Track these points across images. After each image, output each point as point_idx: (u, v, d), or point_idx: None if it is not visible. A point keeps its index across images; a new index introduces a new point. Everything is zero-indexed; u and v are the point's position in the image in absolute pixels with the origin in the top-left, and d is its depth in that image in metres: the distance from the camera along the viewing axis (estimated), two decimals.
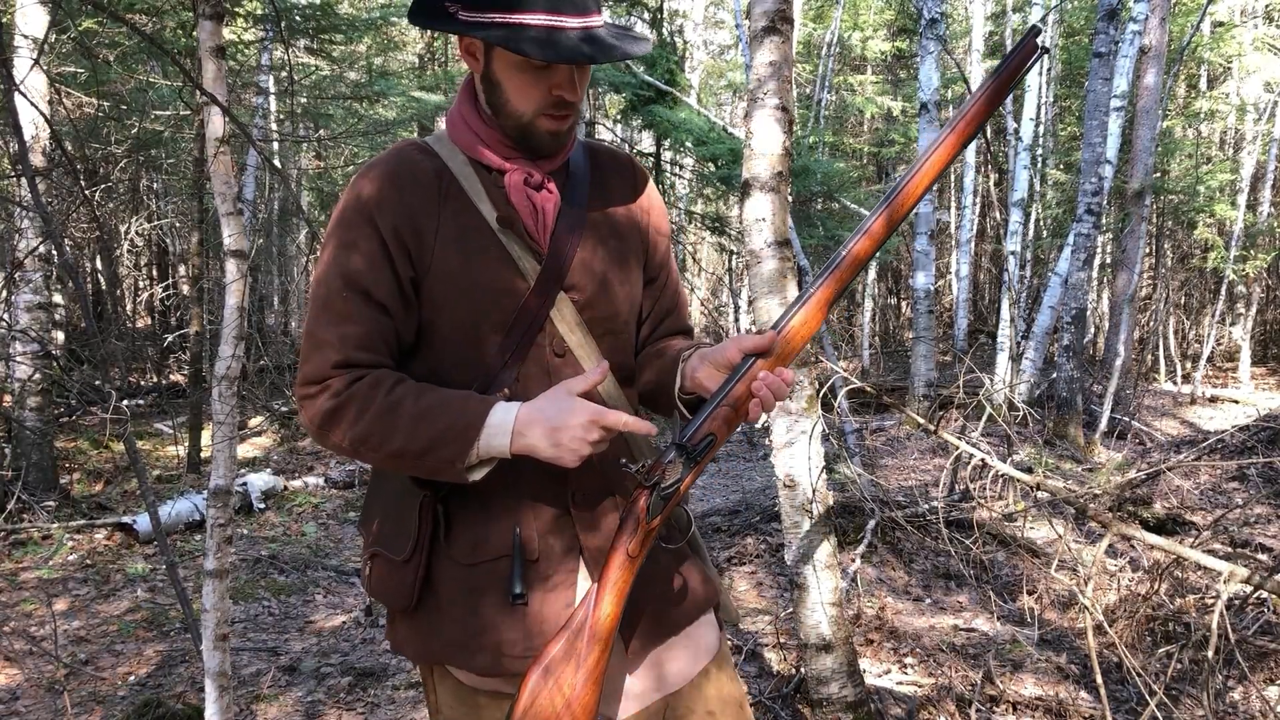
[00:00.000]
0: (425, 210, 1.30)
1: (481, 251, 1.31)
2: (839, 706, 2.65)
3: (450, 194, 1.32)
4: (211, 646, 2.32)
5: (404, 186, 1.30)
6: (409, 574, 1.33)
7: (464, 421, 1.22)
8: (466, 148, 1.35)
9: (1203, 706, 2.78)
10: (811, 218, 10.44)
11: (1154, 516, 4.97)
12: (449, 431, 1.22)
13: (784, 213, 2.52)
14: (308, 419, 1.28)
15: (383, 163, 1.33)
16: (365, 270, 1.27)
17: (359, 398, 1.24)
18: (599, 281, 1.38)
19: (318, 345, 1.27)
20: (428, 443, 1.22)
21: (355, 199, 1.30)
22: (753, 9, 2.52)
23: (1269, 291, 15.55)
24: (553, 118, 1.30)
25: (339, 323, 1.27)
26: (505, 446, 1.22)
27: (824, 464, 2.61)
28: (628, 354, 1.45)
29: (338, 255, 1.29)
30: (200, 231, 8.28)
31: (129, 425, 2.87)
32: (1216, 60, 14.09)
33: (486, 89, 1.32)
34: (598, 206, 1.41)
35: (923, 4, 8.85)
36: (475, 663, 1.32)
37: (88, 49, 5.46)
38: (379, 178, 1.31)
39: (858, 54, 17.25)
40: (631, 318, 1.45)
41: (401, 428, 1.23)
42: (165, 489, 6.51)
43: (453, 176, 1.33)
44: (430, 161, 1.34)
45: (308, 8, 8.46)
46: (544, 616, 1.31)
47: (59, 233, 6.05)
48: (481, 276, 1.31)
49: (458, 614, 1.32)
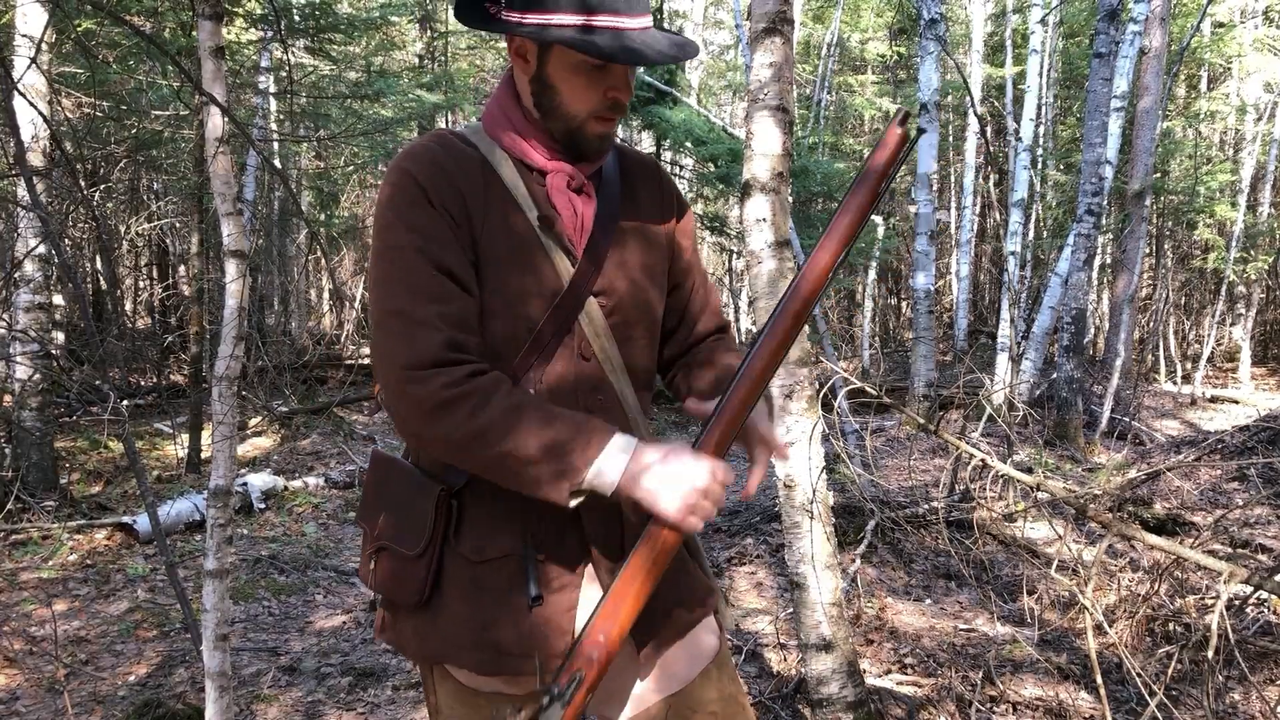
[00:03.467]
0: (473, 196, 1.29)
1: (523, 247, 1.30)
2: (839, 706, 2.65)
3: (493, 186, 1.31)
4: (211, 646, 2.32)
5: (452, 171, 1.29)
6: (421, 569, 1.32)
7: (586, 438, 1.19)
8: (508, 145, 1.34)
9: (1203, 707, 2.78)
10: (811, 218, 10.44)
11: (1154, 517, 4.97)
12: (570, 443, 1.18)
13: (784, 213, 2.52)
14: (414, 403, 1.20)
15: (426, 149, 1.30)
16: (443, 248, 1.24)
17: (481, 391, 1.20)
18: (627, 287, 1.37)
19: (417, 324, 1.20)
20: (544, 450, 1.18)
21: (408, 183, 1.26)
22: (753, 10, 2.51)
23: (1269, 292, 15.55)
24: (603, 120, 1.31)
25: (432, 300, 1.22)
26: (614, 480, 1.19)
27: (824, 464, 2.61)
28: (649, 358, 1.45)
29: (410, 233, 1.24)
30: (200, 231, 8.28)
31: (128, 425, 2.87)
32: (1216, 61, 14.10)
33: (537, 91, 1.31)
34: (629, 211, 1.41)
35: (922, 4, 8.85)
36: (475, 660, 1.32)
37: (87, 49, 5.45)
38: (427, 163, 1.28)
39: (857, 55, 17.27)
40: (655, 323, 1.45)
41: (523, 429, 1.18)
42: (165, 489, 6.51)
43: (495, 170, 1.32)
44: (473, 152, 1.33)
45: (307, 7, 8.46)
46: (546, 617, 1.31)
47: (58, 233, 6.05)
48: (521, 272, 1.30)
49: (462, 611, 1.32)
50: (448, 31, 14.24)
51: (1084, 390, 8.32)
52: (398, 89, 10.76)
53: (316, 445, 8.45)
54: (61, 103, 6.55)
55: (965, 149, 14.33)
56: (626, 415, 1.38)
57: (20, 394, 5.87)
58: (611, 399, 1.36)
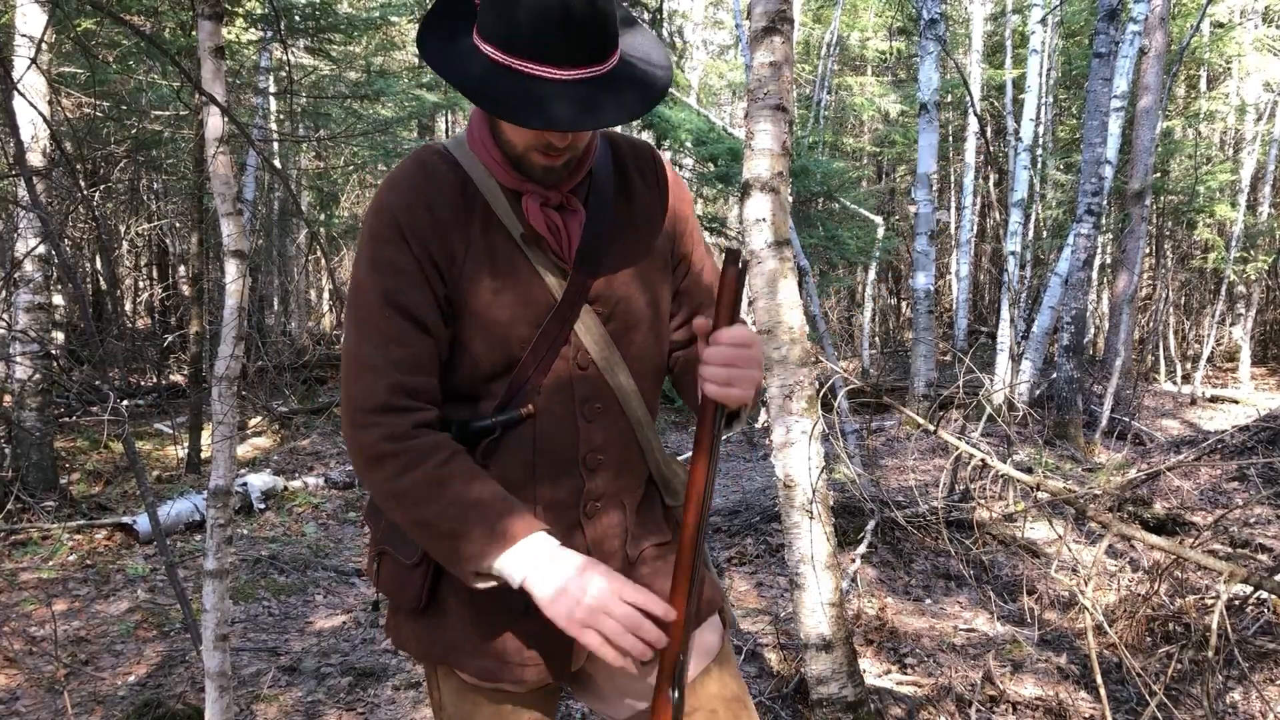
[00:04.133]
0: (455, 226, 1.27)
1: (510, 266, 1.29)
2: (839, 706, 2.65)
3: (476, 208, 1.29)
4: (211, 647, 2.32)
5: (433, 203, 1.27)
6: (417, 578, 1.33)
7: (499, 531, 1.19)
8: (485, 162, 1.31)
9: (1203, 707, 2.78)
10: (811, 218, 10.44)
11: (1154, 517, 4.97)
12: (479, 534, 1.19)
13: (784, 213, 2.52)
14: (356, 447, 1.24)
15: (407, 176, 1.29)
16: (405, 289, 1.24)
17: (412, 454, 1.21)
18: (624, 291, 1.35)
19: (366, 368, 1.24)
20: (455, 532, 1.19)
21: (386, 216, 1.26)
22: (753, 9, 2.51)
23: (1269, 292, 15.55)
24: (545, 155, 1.24)
25: (384, 344, 1.24)
26: (518, 580, 1.19)
27: (824, 464, 2.61)
28: (654, 354, 1.42)
29: (375, 273, 1.25)
30: (200, 231, 8.27)
31: (128, 425, 2.87)
32: (1216, 60, 14.10)
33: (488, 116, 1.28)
34: (623, 210, 1.38)
35: (922, 4, 8.85)
36: (476, 667, 1.33)
37: (87, 49, 5.45)
38: (407, 193, 1.27)
39: (857, 54, 17.27)
40: (659, 319, 1.42)
41: (439, 505, 1.20)
42: (165, 489, 6.51)
43: (476, 189, 1.30)
44: (454, 173, 1.29)
45: (307, 7, 8.46)
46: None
47: (58, 233, 6.05)
48: (511, 292, 1.29)
49: (462, 619, 1.33)
50: None
51: (1084, 390, 8.32)
52: (398, 89, 10.76)
53: (316, 445, 8.46)
54: (61, 103, 6.55)
55: (965, 149, 14.33)
56: (629, 420, 1.37)
57: (20, 394, 5.87)
58: (611, 406, 1.35)
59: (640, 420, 1.39)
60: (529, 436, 1.31)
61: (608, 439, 1.35)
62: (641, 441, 1.39)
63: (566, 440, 1.32)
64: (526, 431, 1.31)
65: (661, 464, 1.44)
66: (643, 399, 1.39)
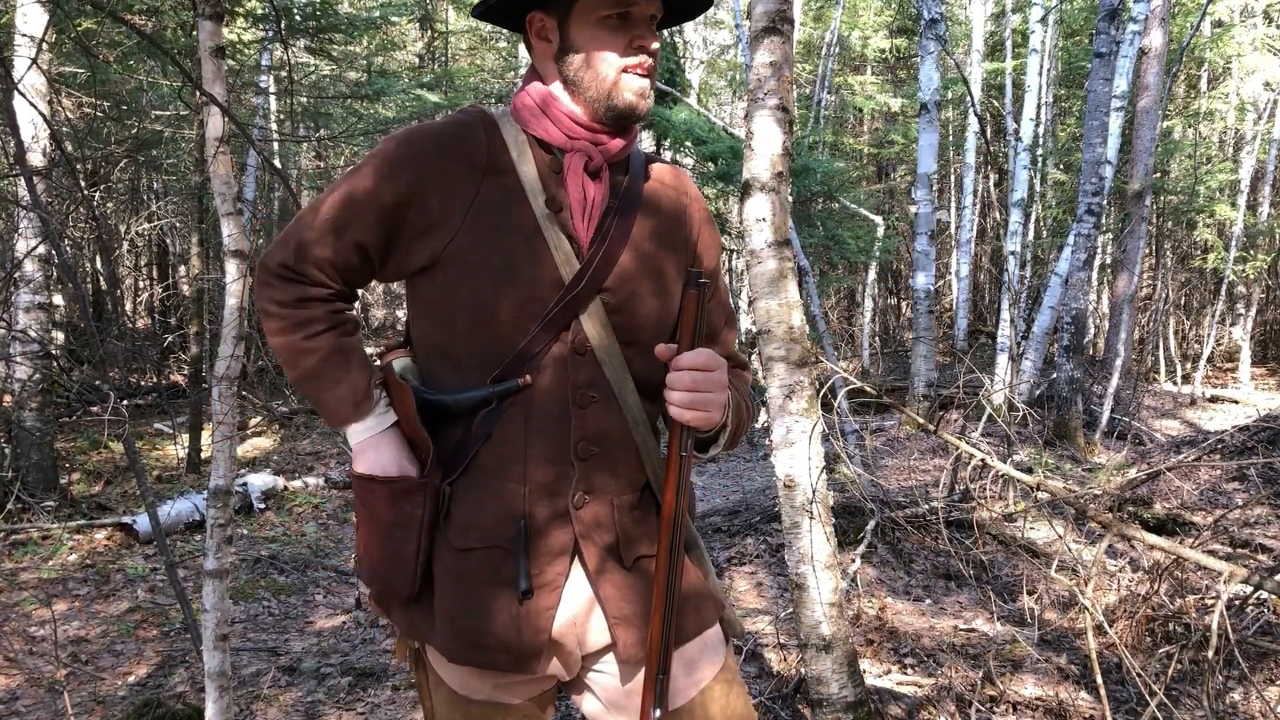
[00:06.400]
0: (462, 178, 1.30)
1: (518, 231, 1.30)
2: (839, 706, 2.65)
3: (497, 169, 1.32)
4: (211, 647, 2.32)
5: (446, 152, 1.31)
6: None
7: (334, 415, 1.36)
8: (532, 127, 1.35)
9: (1203, 707, 2.78)
10: (811, 218, 10.43)
11: (1154, 517, 4.97)
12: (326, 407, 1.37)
13: (784, 213, 2.52)
14: (257, 289, 1.38)
15: (443, 125, 1.35)
16: (366, 208, 1.31)
17: (289, 320, 1.34)
18: (632, 287, 1.35)
19: (291, 234, 1.35)
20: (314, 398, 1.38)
21: (402, 147, 1.32)
22: (753, 9, 2.51)
23: (1269, 292, 15.55)
24: (636, 75, 1.31)
25: (319, 234, 1.33)
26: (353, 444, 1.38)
27: (824, 464, 2.61)
28: (656, 366, 1.38)
29: (362, 180, 1.32)
30: (200, 231, 8.28)
31: (128, 425, 2.87)
32: (1216, 60, 14.10)
33: (562, 64, 1.33)
34: (647, 214, 1.40)
35: (922, 4, 8.85)
36: (446, 647, 1.32)
37: (87, 49, 5.45)
38: (429, 138, 1.32)
39: (857, 54, 17.27)
40: (663, 330, 1.40)
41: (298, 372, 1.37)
42: (165, 489, 6.51)
43: (506, 151, 1.33)
44: (487, 133, 1.34)
45: (307, 7, 8.46)
46: (524, 614, 1.30)
47: (58, 233, 6.05)
48: (512, 257, 1.30)
49: (445, 597, 1.32)
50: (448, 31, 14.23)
51: (1084, 390, 8.32)
52: (398, 89, 10.76)
53: (316, 445, 8.46)
54: (61, 103, 6.55)
55: (965, 149, 14.33)
56: (624, 416, 1.35)
57: (20, 394, 5.87)
58: (606, 397, 1.34)
59: (636, 419, 1.36)
60: (521, 414, 1.31)
61: (601, 430, 1.33)
62: (638, 441, 1.37)
63: (558, 422, 1.32)
64: (520, 408, 1.31)
65: (659, 470, 1.41)
66: (640, 398, 1.37)
